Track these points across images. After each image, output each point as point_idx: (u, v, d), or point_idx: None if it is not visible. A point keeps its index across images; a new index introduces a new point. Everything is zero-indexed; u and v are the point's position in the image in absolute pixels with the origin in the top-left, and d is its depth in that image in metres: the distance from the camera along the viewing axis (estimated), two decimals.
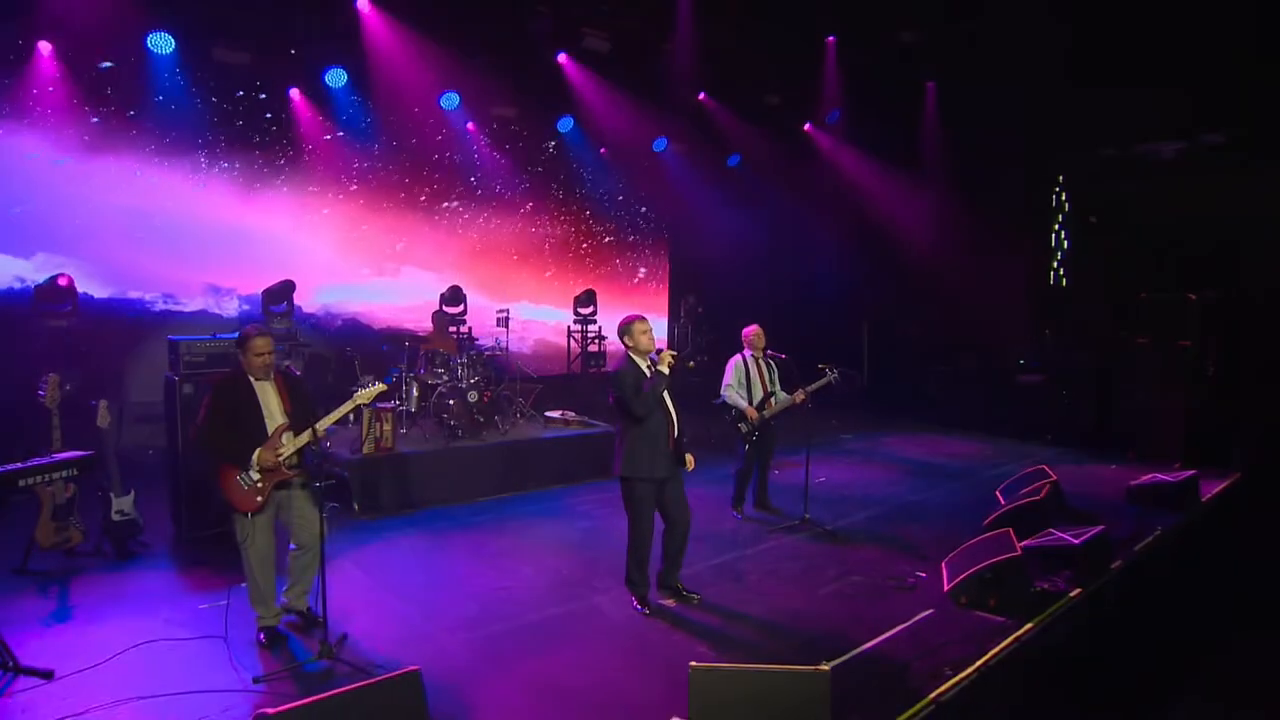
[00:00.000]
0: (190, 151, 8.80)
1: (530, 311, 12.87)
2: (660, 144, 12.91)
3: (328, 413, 4.46)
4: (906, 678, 4.01)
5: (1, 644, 3.90)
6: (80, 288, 8.00)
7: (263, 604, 4.41)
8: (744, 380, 6.99)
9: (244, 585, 4.45)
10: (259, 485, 4.33)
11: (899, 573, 5.65)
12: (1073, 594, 5.22)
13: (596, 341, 12.84)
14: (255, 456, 4.30)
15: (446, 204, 11.37)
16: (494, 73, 9.99)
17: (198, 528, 5.97)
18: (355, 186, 10.25)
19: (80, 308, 7.92)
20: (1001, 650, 4.34)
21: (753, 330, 7.15)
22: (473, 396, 8.24)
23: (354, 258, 10.44)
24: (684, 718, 3.28)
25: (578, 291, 12.84)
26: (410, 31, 8.84)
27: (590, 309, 12.91)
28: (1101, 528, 5.78)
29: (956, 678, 3.97)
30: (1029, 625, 4.71)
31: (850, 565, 5.80)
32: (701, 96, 11.92)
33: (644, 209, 14.19)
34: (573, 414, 9.45)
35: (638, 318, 4.96)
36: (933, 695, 3.79)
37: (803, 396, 6.99)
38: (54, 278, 7.75)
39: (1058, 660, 4.76)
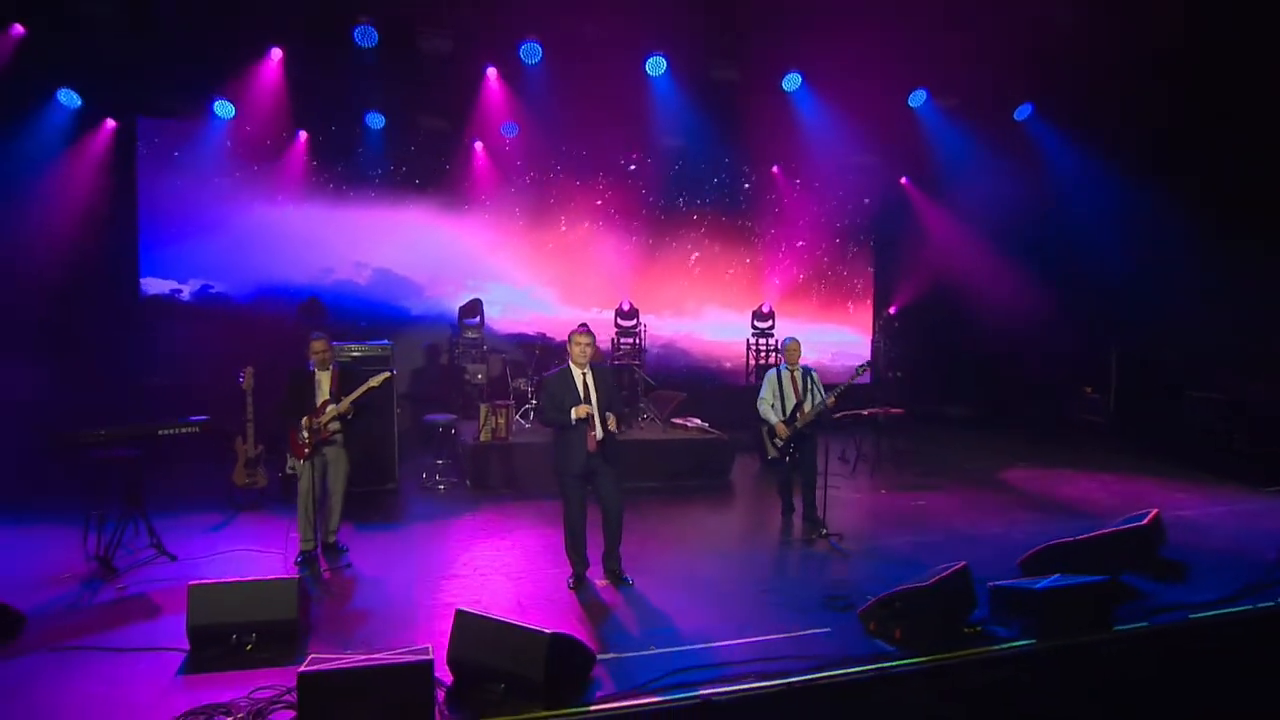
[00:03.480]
0: (410, 193, 11.43)
1: (719, 331, 13.57)
2: (837, 156, 12.75)
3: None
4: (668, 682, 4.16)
5: (154, 533, 6.10)
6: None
7: (303, 528, 6.09)
8: (777, 392, 7.14)
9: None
10: (307, 440, 6.06)
11: (862, 594, 5.47)
12: (1018, 643, 4.66)
13: (771, 354, 13.12)
14: (304, 421, 6.04)
15: (628, 224, 12.66)
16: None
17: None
18: (537, 216, 12.14)
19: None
20: (824, 677, 4.20)
21: (785, 344, 7.30)
22: None
23: (542, 276, 12.32)
24: (444, 648, 4.09)
25: (763, 304, 13.23)
26: (571, 74, 10.10)
27: (769, 323, 13.25)
28: (1103, 578, 4.96)
29: (719, 690, 4.04)
30: (897, 662, 4.41)
31: (812, 580, 5.75)
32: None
33: (843, 220, 13.96)
34: (698, 422, 10.10)
35: (580, 330, 5.69)
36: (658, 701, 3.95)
37: (833, 401, 6.95)
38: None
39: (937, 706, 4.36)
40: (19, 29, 8.14)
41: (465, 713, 3.83)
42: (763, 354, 13.12)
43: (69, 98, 9.06)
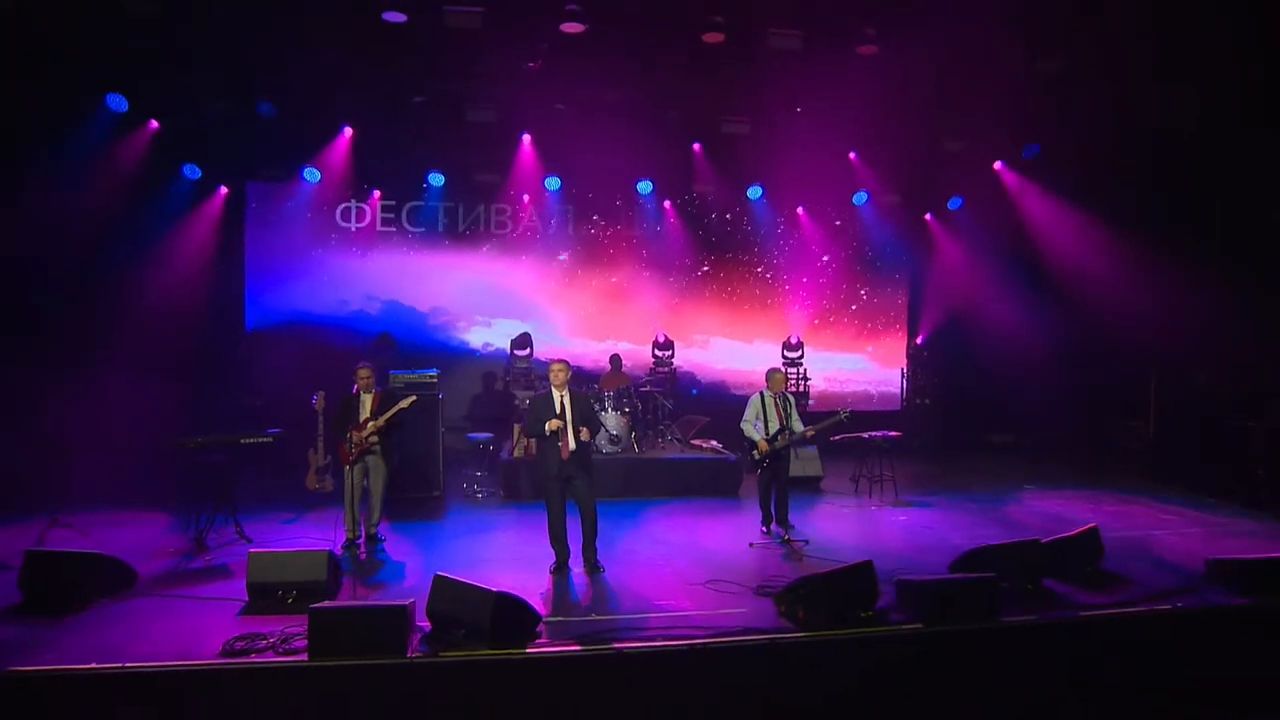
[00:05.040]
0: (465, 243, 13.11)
1: (748, 359, 14.47)
2: (861, 197, 13.58)
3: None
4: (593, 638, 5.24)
5: (238, 523, 7.70)
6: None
7: (347, 521, 7.53)
8: (760, 414, 8.09)
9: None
10: (352, 450, 7.52)
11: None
12: (908, 627, 5.47)
13: (801, 382, 13.91)
14: (349, 434, 7.52)
15: (659, 264, 13.89)
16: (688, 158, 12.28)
17: (397, 490, 9.46)
18: (573, 260, 13.57)
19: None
20: (720, 642, 5.15)
21: (769, 372, 8.25)
22: (609, 421, 10.59)
23: (575, 313, 13.70)
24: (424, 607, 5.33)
25: (791, 336, 14.08)
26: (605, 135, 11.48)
27: (798, 353, 14.07)
28: (987, 575, 5.69)
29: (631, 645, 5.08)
30: (786, 635, 5.30)
31: (756, 574, 6.66)
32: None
33: (867, 257, 14.66)
34: (715, 443, 11.10)
35: (557, 360, 6.94)
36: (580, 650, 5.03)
37: (812, 433, 7.88)
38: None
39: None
40: (154, 124, 10.48)
41: (434, 649, 5.05)
42: (792, 382, 13.93)
43: (192, 170, 11.27)
